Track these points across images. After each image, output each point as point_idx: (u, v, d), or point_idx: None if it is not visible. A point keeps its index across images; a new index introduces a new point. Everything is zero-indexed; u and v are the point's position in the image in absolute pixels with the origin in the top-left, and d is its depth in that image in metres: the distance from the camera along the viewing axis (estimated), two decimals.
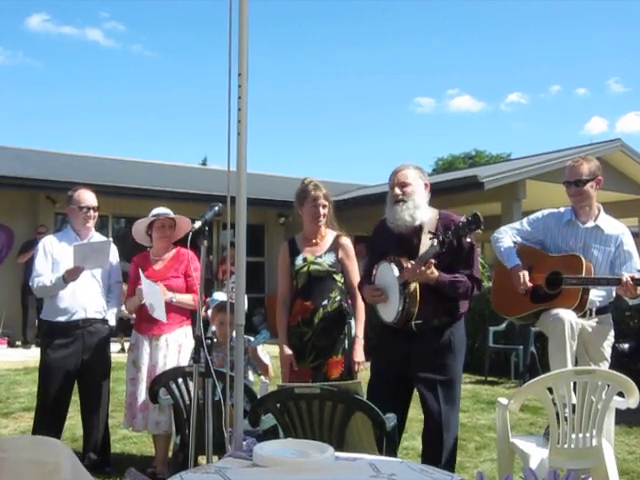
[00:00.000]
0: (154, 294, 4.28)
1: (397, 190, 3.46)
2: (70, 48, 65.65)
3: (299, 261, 3.96)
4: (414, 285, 3.34)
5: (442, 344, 3.43)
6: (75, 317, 4.36)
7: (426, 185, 3.55)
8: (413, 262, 3.29)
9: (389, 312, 3.43)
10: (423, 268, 3.23)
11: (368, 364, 3.80)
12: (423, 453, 3.50)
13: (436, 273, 3.28)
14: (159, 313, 4.26)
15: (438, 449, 3.35)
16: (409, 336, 3.41)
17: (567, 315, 3.55)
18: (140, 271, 4.37)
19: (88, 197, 4.50)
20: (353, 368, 3.86)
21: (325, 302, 3.87)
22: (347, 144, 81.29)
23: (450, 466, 3.33)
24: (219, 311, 4.28)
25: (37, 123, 71.72)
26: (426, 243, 3.37)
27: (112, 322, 4.56)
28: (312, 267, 3.92)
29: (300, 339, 3.90)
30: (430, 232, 3.35)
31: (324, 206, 3.96)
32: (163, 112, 79.09)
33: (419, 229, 3.45)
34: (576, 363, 3.65)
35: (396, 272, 3.35)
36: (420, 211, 3.44)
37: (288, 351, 3.91)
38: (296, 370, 3.88)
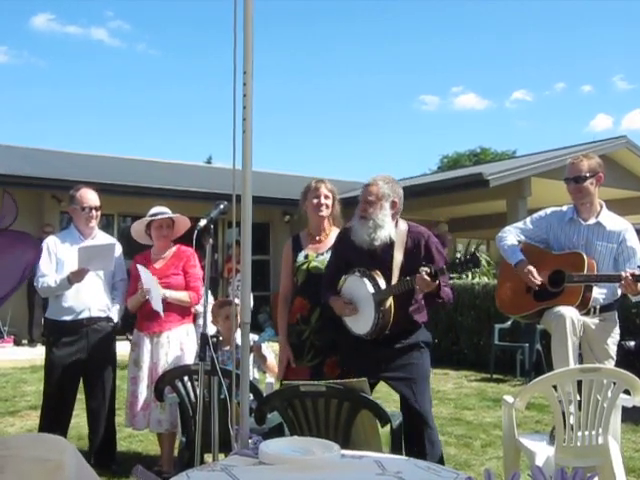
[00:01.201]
0: (152, 283, 4.29)
1: (361, 206, 3.51)
2: (75, 47, 65.73)
3: (300, 257, 3.97)
4: (389, 302, 3.42)
5: (406, 344, 3.53)
6: (80, 316, 4.38)
7: (394, 203, 3.54)
8: (408, 278, 3.33)
9: (361, 325, 3.50)
10: (430, 280, 3.26)
11: None
12: (406, 448, 3.52)
13: (436, 282, 3.32)
14: (156, 304, 4.25)
15: (422, 443, 3.42)
16: (377, 344, 3.50)
17: (568, 311, 3.54)
18: (138, 266, 4.38)
19: (90, 197, 4.50)
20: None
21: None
22: (352, 142, 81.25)
23: (439, 459, 3.39)
24: (221, 307, 4.28)
25: (42, 122, 71.86)
26: (398, 257, 3.47)
27: (116, 320, 4.57)
28: (312, 264, 3.92)
29: (299, 337, 3.90)
30: (427, 266, 3.36)
31: (326, 197, 3.95)
32: (168, 111, 79.19)
33: (390, 245, 3.50)
34: (581, 361, 3.65)
35: (370, 289, 3.42)
36: (382, 230, 3.46)
37: (288, 351, 3.92)
38: (294, 368, 3.89)
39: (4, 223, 1.54)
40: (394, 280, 3.46)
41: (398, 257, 3.47)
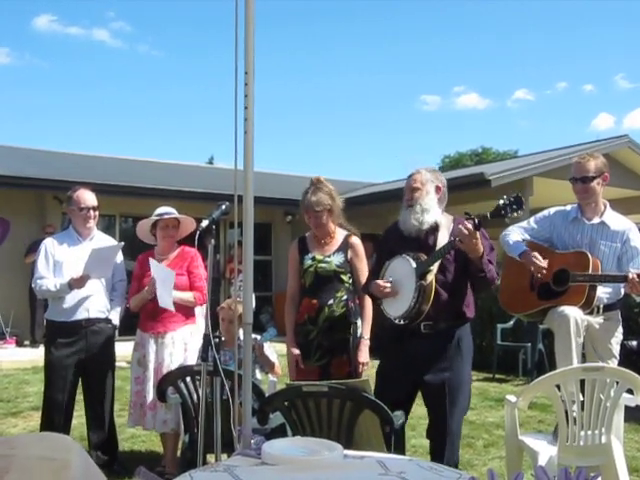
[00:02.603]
0: (166, 281, 4.26)
1: (407, 196, 3.51)
2: (77, 48, 65.84)
3: (308, 260, 3.97)
4: (431, 277, 3.31)
5: (450, 347, 3.39)
6: (78, 317, 4.38)
7: (438, 188, 3.53)
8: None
9: (398, 306, 3.37)
10: (472, 230, 3.10)
11: (373, 362, 3.79)
12: (431, 453, 3.48)
13: (481, 246, 3.19)
14: (165, 300, 4.24)
15: (440, 451, 3.33)
16: (417, 338, 3.38)
17: (572, 312, 3.54)
18: (151, 260, 4.36)
19: (87, 197, 4.50)
20: (357, 368, 3.85)
21: (331, 301, 3.87)
22: (354, 142, 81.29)
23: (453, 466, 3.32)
24: (225, 310, 4.28)
25: (44, 123, 71.99)
26: (443, 241, 3.36)
27: (115, 321, 4.57)
28: (319, 266, 3.92)
29: (306, 337, 3.90)
30: (466, 212, 3.27)
31: (316, 216, 3.93)
32: (170, 111, 79.26)
33: (435, 228, 3.45)
34: (584, 360, 3.64)
35: (413, 264, 3.31)
36: (429, 214, 3.43)
37: (295, 349, 3.91)
38: (302, 368, 3.89)
39: None
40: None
41: (443, 241, 3.38)
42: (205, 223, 2.83)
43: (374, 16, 68.72)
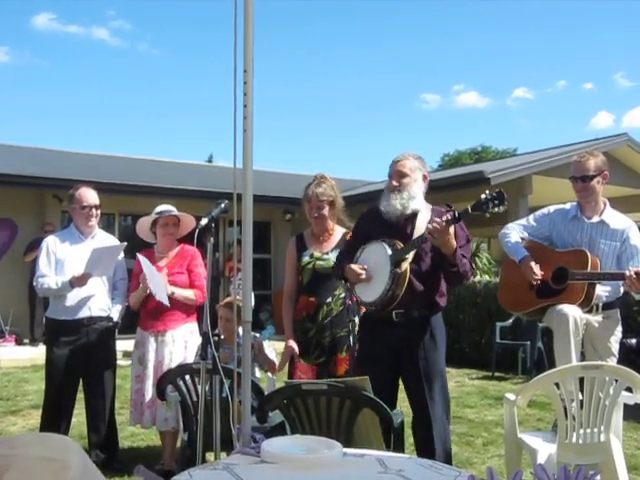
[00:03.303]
0: (154, 276, 4.28)
1: (394, 181, 3.45)
2: (76, 47, 65.80)
3: (306, 257, 3.97)
4: (405, 265, 3.33)
5: (424, 336, 3.45)
6: (80, 315, 4.38)
7: (424, 177, 3.52)
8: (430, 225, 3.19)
9: (371, 292, 3.40)
10: (445, 225, 3.12)
11: None
12: (416, 447, 3.49)
13: (454, 241, 3.23)
14: (161, 295, 4.25)
15: (429, 443, 3.35)
16: (389, 326, 3.41)
17: (571, 310, 3.54)
18: (138, 255, 4.37)
19: (90, 195, 4.49)
20: (357, 365, 3.85)
21: (329, 299, 3.87)
22: (353, 141, 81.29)
23: (447, 460, 3.32)
24: (224, 308, 4.28)
25: (44, 122, 71.95)
26: (420, 229, 3.36)
27: (117, 319, 4.58)
28: (317, 264, 3.92)
29: (305, 335, 3.90)
30: (447, 204, 3.30)
31: (319, 207, 3.94)
32: (169, 110, 79.23)
33: (413, 217, 3.44)
34: (583, 359, 3.65)
35: (389, 251, 3.33)
36: (414, 201, 3.43)
37: (293, 344, 3.90)
38: (300, 366, 3.89)
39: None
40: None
41: (421, 230, 3.38)
42: (204, 221, 2.83)
43: (374, 16, 68.71)
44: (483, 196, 3.14)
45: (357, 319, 3.91)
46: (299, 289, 4.00)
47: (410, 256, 3.36)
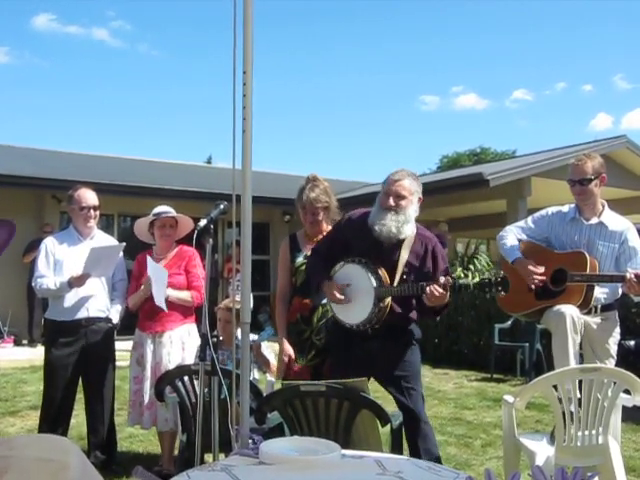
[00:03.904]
0: (160, 279, 4.27)
1: (391, 201, 3.39)
2: (76, 48, 65.76)
3: (299, 258, 3.95)
4: (388, 300, 3.39)
5: (398, 341, 3.50)
6: (78, 316, 4.37)
7: (419, 199, 3.51)
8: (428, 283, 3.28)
9: (352, 315, 3.46)
10: (444, 293, 3.23)
11: None
12: (409, 447, 3.50)
13: (447, 296, 3.29)
14: (160, 300, 4.25)
15: (423, 442, 3.40)
16: (364, 338, 3.46)
17: (569, 310, 3.55)
18: (148, 258, 4.36)
19: (89, 196, 4.49)
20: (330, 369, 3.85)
21: (324, 301, 3.86)
22: (352, 142, 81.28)
23: (436, 458, 3.36)
24: (223, 310, 4.27)
25: (43, 122, 71.88)
26: (405, 257, 3.42)
27: (116, 320, 4.57)
28: None
29: (299, 337, 3.89)
30: (438, 245, 3.40)
31: (314, 213, 3.92)
32: (168, 110, 79.22)
33: (401, 242, 3.45)
34: (582, 361, 3.65)
35: (374, 282, 3.36)
36: (408, 226, 3.42)
37: (288, 347, 3.90)
38: (295, 368, 3.88)
39: None
40: (397, 278, 3.42)
41: (404, 256, 3.43)
42: (203, 222, 2.83)
43: (373, 16, 68.74)
44: (488, 279, 3.33)
45: None
46: (293, 291, 3.99)
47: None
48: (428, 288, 3.22)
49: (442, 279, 3.23)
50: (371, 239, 3.42)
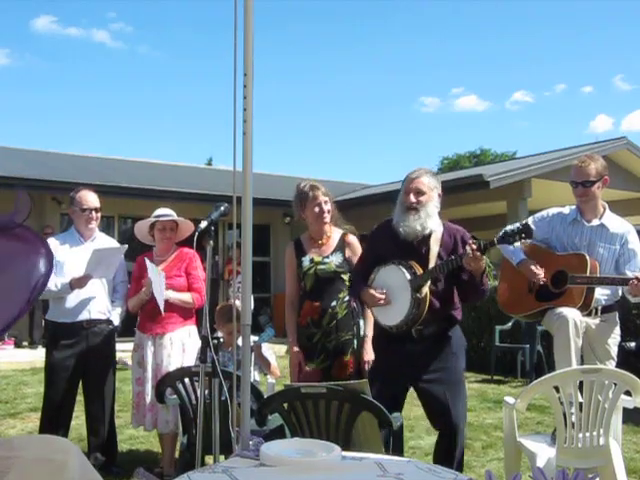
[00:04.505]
0: (158, 281, 4.28)
1: (412, 198, 3.39)
2: (77, 49, 65.75)
3: (306, 262, 3.95)
4: (426, 290, 3.33)
5: (443, 348, 3.43)
6: (80, 318, 4.37)
7: (439, 195, 3.51)
8: (436, 264, 3.29)
9: (392, 316, 3.40)
10: (479, 254, 3.16)
11: None
12: (436, 456, 3.47)
13: (484, 264, 3.26)
14: (160, 302, 4.25)
15: (452, 452, 3.35)
16: (408, 341, 3.41)
17: (571, 313, 3.54)
18: (146, 260, 4.37)
19: (90, 198, 4.49)
20: (363, 367, 3.84)
21: (334, 303, 3.86)
22: (352, 144, 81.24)
23: (459, 467, 3.34)
24: (229, 321, 4.24)
25: (43, 124, 71.93)
26: (435, 249, 3.38)
27: (116, 322, 4.57)
28: (319, 268, 3.90)
29: (309, 340, 3.89)
30: (474, 238, 3.32)
31: (326, 202, 3.95)
32: (169, 112, 79.15)
33: (428, 237, 3.43)
34: (582, 362, 3.65)
35: (407, 275, 3.33)
36: (431, 220, 3.41)
37: (299, 352, 3.90)
38: (306, 370, 3.87)
39: (18, 218, 1.43)
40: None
41: (435, 249, 3.40)
42: (204, 224, 2.83)
43: (373, 17, 68.77)
44: (510, 228, 3.21)
45: (361, 321, 3.91)
46: (302, 295, 3.98)
47: (429, 280, 3.37)
48: (466, 252, 3.16)
49: (468, 246, 3.18)
50: (398, 240, 3.42)
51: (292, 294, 4.04)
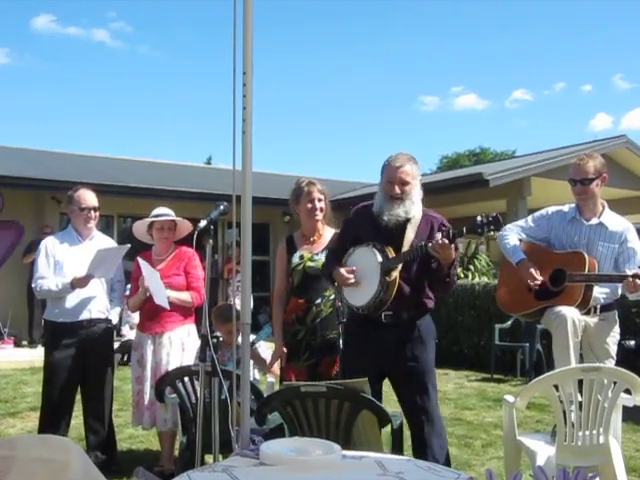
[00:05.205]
0: (154, 279, 4.28)
1: (397, 189, 3.37)
2: (76, 49, 65.76)
3: (296, 259, 3.97)
4: (395, 274, 3.34)
5: (413, 337, 3.43)
6: (79, 317, 4.37)
7: (420, 181, 3.50)
8: (406, 250, 3.29)
9: (360, 296, 3.40)
10: (448, 243, 3.14)
11: None
12: (413, 448, 3.47)
13: (454, 254, 3.25)
14: (161, 299, 4.25)
15: (425, 441, 3.34)
16: (377, 327, 3.41)
17: (569, 312, 3.54)
18: (139, 259, 4.37)
19: (88, 197, 4.49)
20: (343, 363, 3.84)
21: (319, 301, 3.87)
22: (351, 142, 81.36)
23: (445, 460, 3.32)
24: (227, 321, 4.24)
25: (43, 123, 71.94)
26: (410, 236, 3.38)
27: (115, 321, 4.58)
28: (307, 265, 3.92)
29: (294, 337, 3.90)
30: (443, 226, 3.33)
31: (319, 200, 3.97)
32: (168, 111, 79.25)
33: (405, 222, 3.42)
34: (581, 360, 3.65)
35: (379, 258, 3.33)
36: (415, 207, 3.41)
37: (281, 347, 3.92)
38: (291, 368, 3.88)
39: None
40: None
41: (410, 235, 3.40)
42: (203, 223, 2.83)
43: (372, 16, 68.75)
44: (479, 219, 3.17)
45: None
46: (289, 291, 4.00)
47: (400, 265, 3.37)
48: (434, 241, 3.15)
49: (437, 234, 3.19)
50: (377, 225, 3.42)
51: (280, 290, 4.06)
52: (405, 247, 3.38)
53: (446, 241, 3.12)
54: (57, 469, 1.05)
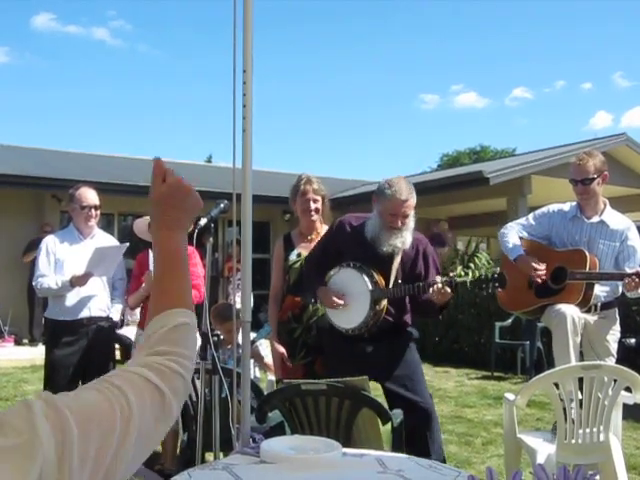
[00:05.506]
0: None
1: (400, 223, 3.34)
2: (76, 47, 65.75)
3: (293, 256, 3.97)
4: (384, 303, 3.39)
5: (397, 345, 3.48)
6: (80, 315, 4.37)
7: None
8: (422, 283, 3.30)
9: (347, 320, 3.44)
10: (449, 291, 3.20)
11: None
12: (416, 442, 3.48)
13: (452, 294, 3.28)
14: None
15: (433, 434, 3.38)
16: (361, 340, 3.44)
17: (569, 310, 3.55)
18: (150, 252, 4.36)
19: (90, 196, 4.48)
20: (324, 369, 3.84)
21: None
22: (352, 141, 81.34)
23: (441, 458, 3.33)
24: (225, 320, 4.24)
25: (43, 122, 71.97)
26: (397, 260, 3.42)
27: (116, 319, 4.57)
28: (304, 263, 3.92)
29: (290, 335, 3.90)
30: (446, 275, 3.35)
31: (315, 200, 3.95)
32: (168, 110, 79.27)
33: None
34: (581, 358, 3.65)
35: (369, 285, 3.36)
36: (410, 236, 3.43)
37: (279, 347, 3.91)
38: (288, 366, 3.88)
39: None
40: (391, 280, 3.42)
41: (397, 261, 3.44)
42: (203, 221, 2.82)
43: (372, 15, 68.69)
44: (485, 275, 3.28)
45: None
46: (286, 289, 4.00)
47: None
48: (434, 286, 3.19)
49: (438, 278, 3.23)
50: (366, 248, 3.40)
51: (276, 288, 4.07)
52: (393, 273, 3.41)
53: (448, 290, 3.18)
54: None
